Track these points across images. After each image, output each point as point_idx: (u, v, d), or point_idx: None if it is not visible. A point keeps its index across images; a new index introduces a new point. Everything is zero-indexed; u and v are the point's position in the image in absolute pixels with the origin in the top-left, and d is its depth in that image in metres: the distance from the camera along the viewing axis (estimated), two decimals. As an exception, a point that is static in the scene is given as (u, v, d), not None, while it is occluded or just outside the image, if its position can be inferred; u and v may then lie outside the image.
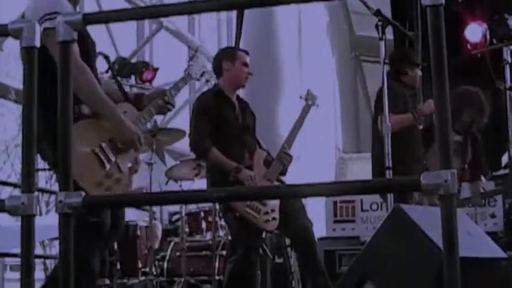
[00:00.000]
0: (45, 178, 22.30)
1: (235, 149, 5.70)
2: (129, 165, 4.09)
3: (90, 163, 3.85)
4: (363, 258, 3.82)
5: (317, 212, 8.69)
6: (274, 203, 5.57)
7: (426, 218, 3.63)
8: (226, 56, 5.96)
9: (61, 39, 2.43)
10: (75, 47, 3.66)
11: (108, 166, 3.93)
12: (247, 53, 6.05)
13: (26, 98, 2.48)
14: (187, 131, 5.85)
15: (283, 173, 5.84)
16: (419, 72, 6.69)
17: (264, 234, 5.88)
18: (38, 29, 2.48)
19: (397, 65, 6.66)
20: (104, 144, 3.96)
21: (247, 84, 6.03)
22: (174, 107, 4.60)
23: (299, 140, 5.99)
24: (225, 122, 5.74)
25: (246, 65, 5.91)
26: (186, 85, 4.93)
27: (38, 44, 2.48)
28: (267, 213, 5.54)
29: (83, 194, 2.38)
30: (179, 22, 13.24)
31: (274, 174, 5.73)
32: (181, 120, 12.94)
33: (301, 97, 6.08)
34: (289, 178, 6.03)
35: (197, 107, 5.83)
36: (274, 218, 5.57)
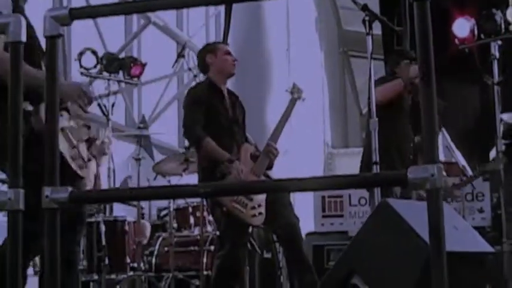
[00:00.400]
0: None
1: (225, 141, 5.70)
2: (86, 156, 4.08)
3: (62, 140, 3.84)
4: (350, 253, 3.83)
5: (305, 207, 8.71)
6: (261, 198, 5.57)
7: (413, 212, 3.65)
8: (208, 51, 6.01)
9: (47, 34, 2.42)
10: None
11: (75, 147, 3.93)
12: (226, 43, 6.09)
13: (12, 94, 2.47)
14: (175, 125, 5.85)
15: (270, 167, 5.84)
16: (412, 64, 6.68)
17: (251, 229, 5.87)
18: (24, 24, 2.48)
19: (391, 63, 6.73)
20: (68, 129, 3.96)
21: (235, 79, 6.05)
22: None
23: (288, 135, 5.99)
24: (216, 114, 5.76)
25: (228, 53, 5.96)
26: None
27: (24, 38, 2.47)
28: (253, 207, 5.54)
29: (70, 189, 2.37)
30: (167, 17, 13.23)
31: (261, 168, 5.73)
32: (170, 114, 12.95)
33: (287, 90, 6.09)
34: (278, 172, 6.03)
35: (190, 97, 5.83)
36: (260, 213, 5.57)
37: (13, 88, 2.47)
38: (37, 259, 5.55)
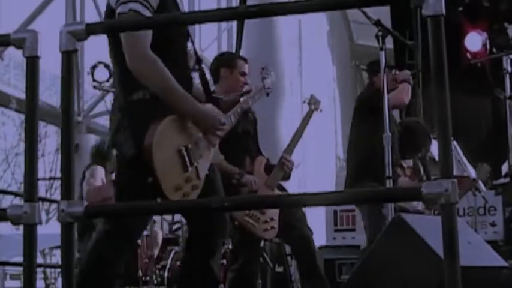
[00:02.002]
0: (45, 187, 22.30)
1: (236, 154, 5.66)
2: (207, 172, 3.85)
3: (174, 164, 3.62)
4: (364, 267, 3.83)
5: (317, 221, 8.69)
6: (274, 212, 5.56)
7: (427, 226, 3.64)
8: (225, 63, 5.74)
9: (64, 49, 2.43)
10: (147, 37, 3.46)
11: (190, 169, 3.67)
12: (246, 61, 5.89)
13: (29, 107, 2.48)
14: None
15: (287, 178, 5.81)
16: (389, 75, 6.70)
17: (262, 243, 5.87)
18: (40, 39, 2.49)
19: (370, 73, 6.77)
20: (190, 146, 3.71)
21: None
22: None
23: (300, 148, 5.99)
24: None
25: (243, 74, 5.73)
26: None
27: (40, 53, 2.48)
28: (266, 222, 5.53)
29: (85, 203, 2.37)
30: (180, 31, 13.24)
31: (275, 181, 5.70)
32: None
33: (304, 101, 6.08)
34: (290, 186, 6.03)
35: None
36: (273, 227, 5.55)
37: (29, 104, 2.47)
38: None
